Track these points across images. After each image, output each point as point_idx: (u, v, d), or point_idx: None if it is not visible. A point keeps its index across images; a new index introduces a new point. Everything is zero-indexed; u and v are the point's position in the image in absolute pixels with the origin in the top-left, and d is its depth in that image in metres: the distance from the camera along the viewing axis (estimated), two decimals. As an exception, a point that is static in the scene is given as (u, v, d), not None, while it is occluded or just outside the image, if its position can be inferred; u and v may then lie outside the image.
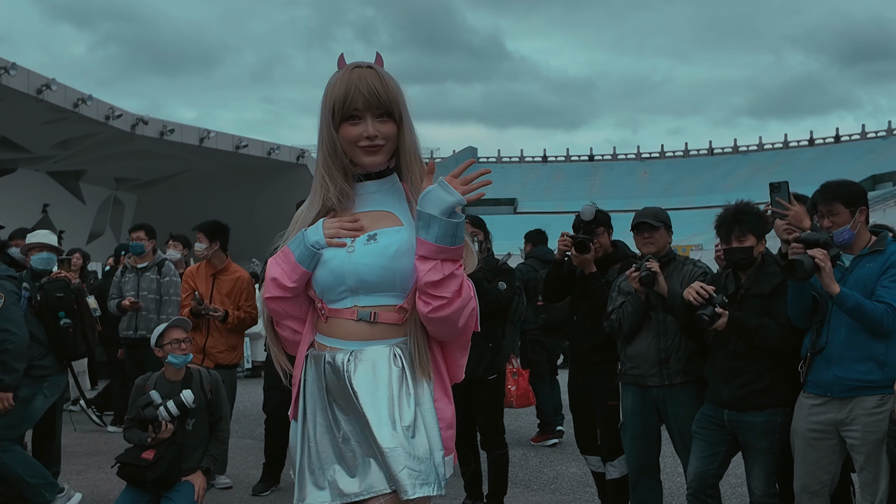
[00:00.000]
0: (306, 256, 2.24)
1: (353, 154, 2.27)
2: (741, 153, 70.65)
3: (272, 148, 31.83)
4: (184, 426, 4.88)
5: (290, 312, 2.33)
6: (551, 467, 7.05)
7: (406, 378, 2.22)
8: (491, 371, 5.31)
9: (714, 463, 4.28)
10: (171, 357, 4.93)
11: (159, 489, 4.78)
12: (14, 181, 28.58)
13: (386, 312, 2.24)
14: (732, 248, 4.25)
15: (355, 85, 2.21)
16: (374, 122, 2.23)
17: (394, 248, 2.22)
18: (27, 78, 22.83)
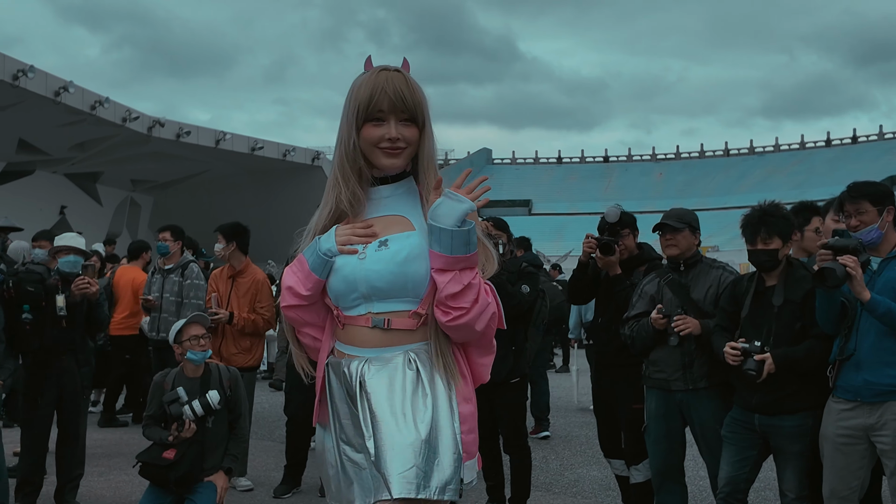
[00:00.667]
0: (319, 264, 2.24)
1: (372, 155, 2.26)
2: (757, 154, 70.29)
3: (287, 150, 31.95)
4: (204, 425, 4.87)
5: (308, 320, 2.33)
6: (572, 470, 7.02)
7: (422, 381, 2.20)
8: (514, 374, 5.27)
9: (745, 467, 4.24)
10: (190, 353, 4.91)
11: (182, 489, 4.77)
12: (32, 183, 28.78)
13: (399, 318, 2.23)
14: (757, 251, 4.20)
15: (382, 87, 2.21)
16: (398, 125, 2.23)
17: (404, 253, 2.21)
18: (45, 80, 23.00)
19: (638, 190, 64.16)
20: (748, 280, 4.36)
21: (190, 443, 4.78)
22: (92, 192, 32.38)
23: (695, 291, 4.56)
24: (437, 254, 2.15)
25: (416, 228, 2.26)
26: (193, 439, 4.79)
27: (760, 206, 4.28)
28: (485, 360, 2.37)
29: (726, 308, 4.38)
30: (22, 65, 22.00)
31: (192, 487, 4.81)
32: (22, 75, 21.86)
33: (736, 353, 4.08)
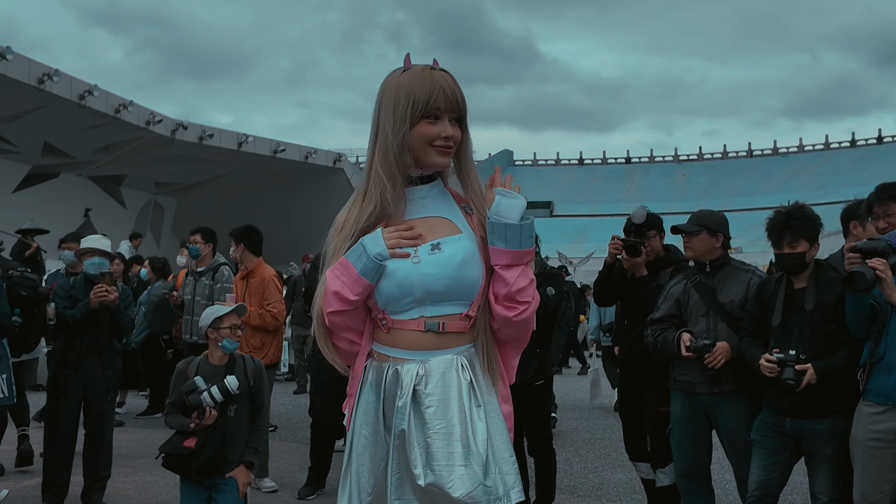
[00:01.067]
0: (370, 269, 2.18)
1: (423, 153, 2.23)
2: (781, 155, 69.78)
3: (309, 152, 32.06)
4: (226, 413, 4.81)
5: (351, 325, 2.28)
6: (596, 473, 6.98)
7: (474, 389, 2.20)
8: (538, 377, 5.25)
9: (777, 471, 4.20)
10: (227, 341, 4.89)
11: (204, 477, 4.76)
12: (57, 186, 29.05)
13: (453, 322, 2.22)
14: (784, 255, 4.15)
15: (439, 85, 2.21)
16: (448, 123, 2.23)
17: (459, 256, 2.20)
18: (70, 84, 23.20)
19: (660, 191, 63.81)
20: (776, 283, 4.30)
21: (211, 430, 4.73)
22: (116, 195, 32.64)
23: (721, 294, 4.52)
24: (503, 250, 2.17)
25: (462, 231, 2.25)
26: (215, 427, 4.74)
27: (785, 209, 4.23)
28: (515, 360, 2.38)
29: (753, 312, 4.33)
30: (47, 69, 22.21)
31: (217, 481, 4.79)
32: (47, 79, 22.07)
33: (772, 366, 4.04)
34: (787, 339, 4.11)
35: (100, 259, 5.69)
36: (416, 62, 2.29)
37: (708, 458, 4.66)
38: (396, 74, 2.26)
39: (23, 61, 21.63)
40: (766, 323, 4.27)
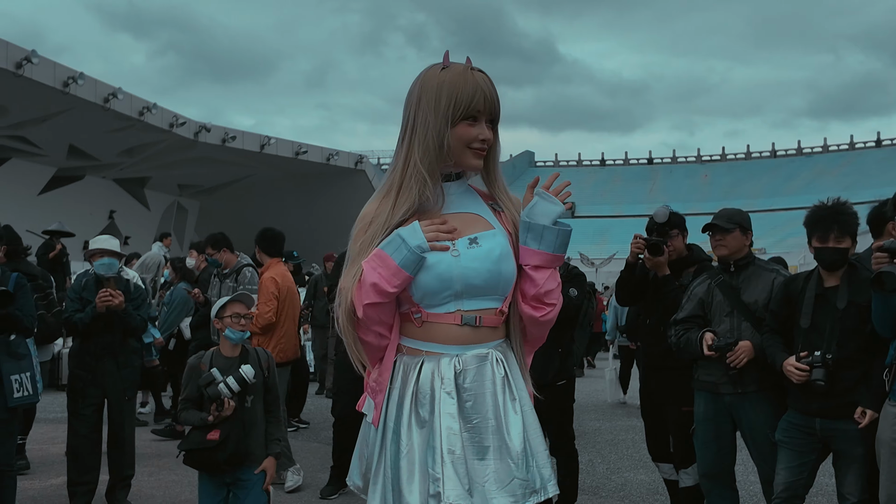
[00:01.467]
0: (411, 261, 2.16)
1: (461, 154, 2.25)
2: (805, 155, 69.21)
3: (331, 154, 32.16)
4: (243, 403, 4.79)
5: (384, 318, 2.25)
6: (619, 474, 6.95)
7: (509, 382, 2.23)
8: (560, 376, 5.23)
9: (804, 472, 4.16)
10: (229, 331, 4.88)
11: (232, 468, 4.76)
12: (82, 188, 29.33)
13: (488, 316, 2.24)
14: (829, 248, 4.05)
15: (481, 88, 2.22)
16: (485, 126, 2.26)
17: (497, 251, 2.22)
18: (94, 87, 23.42)
19: (683, 192, 63.50)
20: (804, 280, 4.24)
21: (232, 421, 4.73)
22: (140, 197, 32.90)
23: (746, 294, 4.48)
24: (535, 251, 2.21)
25: (494, 227, 2.28)
26: (235, 418, 4.73)
27: (829, 203, 4.15)
28: (528, 359, 2.40)
29: (777, 310, 4.28)
30: (72, 72, 22.43)
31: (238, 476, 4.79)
32: (72, 82, 22.29)
33: (802, 373, 4.00)
34: (817, 338, 4.06)
35: (109, 259, 5.68)
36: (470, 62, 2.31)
37: (732, 458, 4.62)
38: (436, 71, 2.26)
39: (48, 65, 21.85)
40: (789, 322, 4.22)
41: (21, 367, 4.99)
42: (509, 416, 2.19)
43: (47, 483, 6.42)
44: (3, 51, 20.56)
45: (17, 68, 20.71)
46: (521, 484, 2.14)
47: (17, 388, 4.93)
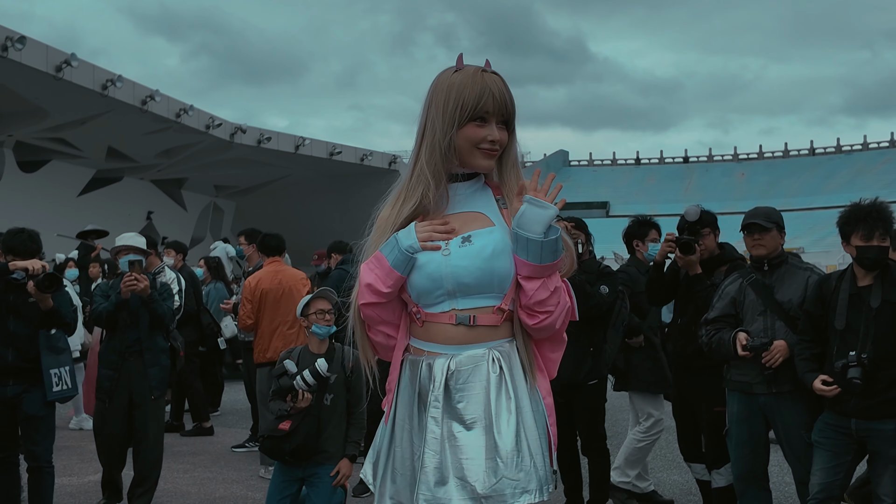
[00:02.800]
0: (401, 261, 2.22)
1: (469, 155, 2.25)
2: (844, 153, 68.17)
3: (365, 154, 32.28)
4: (322, 400, 4.84)
5: (385, 318, 2.31)
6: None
7: (505, 382, 2.20)
8: (592, 376, 5.22)
9: (840, 473, 4.11)
10: (315, 327, 4.93)
11: (297, 460, 4.80)
12: (120, 189, 29.72)
13: (484, 315, 2.23)
14: (874, 247, 3.99)
15: (490, 89, 2.22)
16: (496, 127, 2.24)
17: (489, 248, 2.20)
18: (132, 90, 23.71)
19: (719, 191, 62.86)
20: (837, 280, 4.19)
21: (305, 414, 4.76)
22: (177, 198, 33.26)
23: (779, 293, 4.43)
24: (524, 262, 2.17)
25: (495, 224, 2.26)
26: (309, 412, 4.78)
27: (869, 202, 4.09)
28: (555, 354, 2.36)
29: (812, 311, 4.22)
30: (110, 74, 22.73)
31: (312, 472, 4.83)
32: (110, 85, 22.58)
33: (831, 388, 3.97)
34: (852, 338, 4.01)
35: (135, 256, 5.71)
36: (468, 63, 2.29)
37: (766, 459, 4.58)
38: (448, 74, 2.28)
39: (87, 68, 22.17)
40: (823, 323, 4.17)
41: (60, 361, 5.06)
42: (501, 416, 2.17)
43: (85, 479, 6.53)
44: (43, 54, 20.89)
45: (56, 71, 21.03)
46: (511, 483, 2.12)
47: (57, 381, 5.00)
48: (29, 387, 4.92)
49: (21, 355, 4.89)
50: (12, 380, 4.89)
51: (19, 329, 4.89)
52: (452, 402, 2.19)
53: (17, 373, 4.89)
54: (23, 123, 23.86)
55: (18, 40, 19.65)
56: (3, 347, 4.86)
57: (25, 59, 20.21)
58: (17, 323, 4.89)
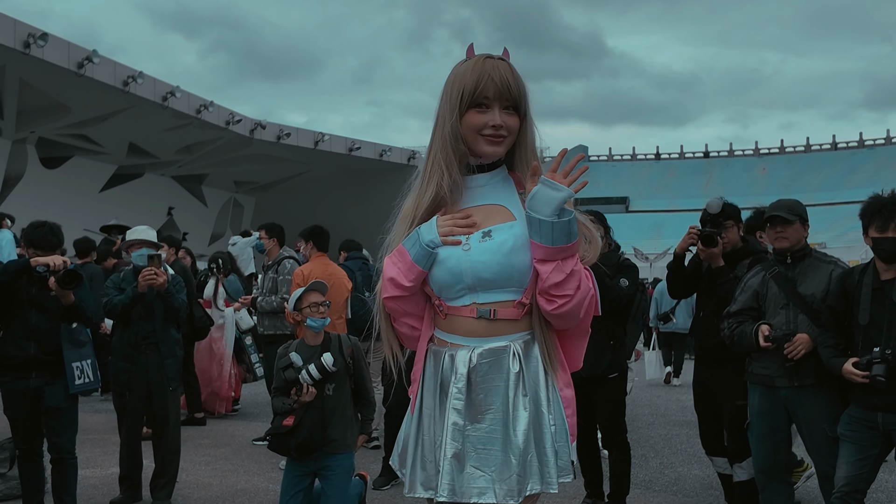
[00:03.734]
0: (422, 256, 2.24)
1: (474, 142, 2.25)
2: (867, 147, 67.54)
3: (384, 150, 32.38)
4: (324, 391, 4.87)
5: (408, 310, 2.34)
6: (673, 469, 6.88)
7: (522, 378, 2.22)
8: (612, 369, 5.20)
9: (866, 467, 4.07)
10: (310, 320, 4.96)
11: (303, 454, 4.83)
12: (141, 185, 29.95)
13: (505, 308, 2.23)
14: (889, 238, 3.95)
15: (488, 74, 2.21)
16: (501, 112, 2.23)
17: (509, 243, 2.20)
18: (153, 86, 23.88)
19: (740, 186, 62.47)
20: (859, 274, 4.15)
21: (308, 408, 4.79)
22: (197, 194, 33.45)
23: (802, 286, 4.39)
24: (538, 244, 2.15)
25: (517, 218, 2.25)
26: (313, 405, 4.81)
27: (888, 194, 4.05)
28: (579, 347, 2.37)
29: (834, 306, 4.19)
30: (132, 71, 22.89)
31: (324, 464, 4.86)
32: (132, 81, 22.74)
33: (861, 375, 3.92)
34: (876, 334, 3.97)
35: (147, 250, 5.76)
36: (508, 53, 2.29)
37: (788, 452, 4.56)
38: (458, 65, 2.29)
39: (108, 64, 22.33)
40: (847, 318, 4.13)
41: (82, 354, 5.09)
42: (518, 412, 2.20)
43: (108, 471, 6.58)
44: (65, 51, 21.07)
45: (78, 68, 21.19)
46: (518, 480, 2.17)
47: (79, 374, 5.04)
48: (51, 379, 4.96)
49: (43, 348, 4.93)
50: (35, 372, 4.92)
51: (41, 322, 4.93)
52: (473, 393, 2.21)
53: (39, 365, 4.93)
54: (45, 120, 24.08)
55: (41, 37, 19.82)
56: (25, 340, 4.90)
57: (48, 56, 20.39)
58: (38, 316, 4.93)
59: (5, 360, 4.91)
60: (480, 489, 2.17)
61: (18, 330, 4.90)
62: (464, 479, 2.19)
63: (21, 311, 4.91)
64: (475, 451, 2.19)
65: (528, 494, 2.17)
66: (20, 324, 4.90)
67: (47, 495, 5.21)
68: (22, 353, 4.90)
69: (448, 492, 2.20)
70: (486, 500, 2.17)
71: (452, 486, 2.19)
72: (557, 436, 2.21)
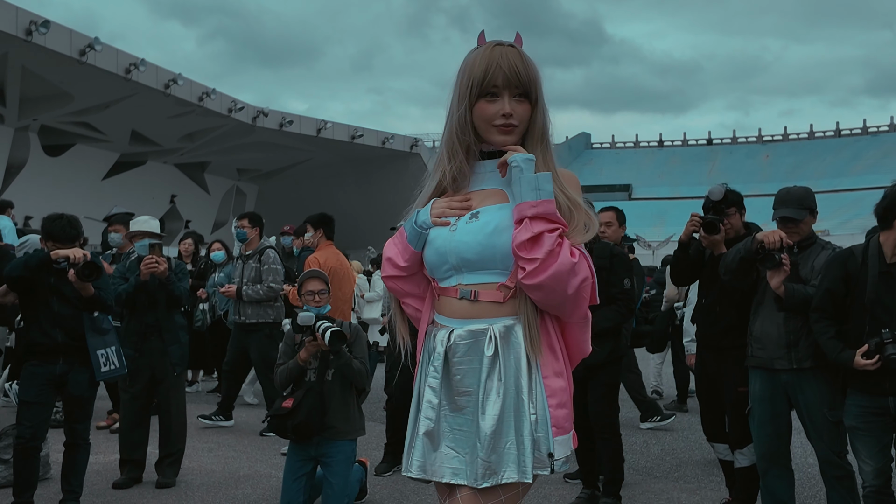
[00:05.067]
0: (414, 236, 2.28)
1: (486, 132, 2.24)
2: (871, 134, 67.33)
3: (386, 137, 32.34)
4: (324, 376, 4.92)
5: (409, 291, 2.38)
6: (674, 455, 6.90)
7: (499, 363, 2.18)
8: (611, 357, 5.23)
9: (888, 454, 4.07)
10: (307, 308, 5.01)
11: (300, 437, 4.87)
12: (144, 173, 29.95)
13: (487, 291, 2.21)
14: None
15: (497, 62, 2.19)
16: (511, 101, 2.21)
17: (493, 224, 2.19)
18: (155, 74, 23.84)
19: (744, 173, 62.32)
20: (861, 255, 4.13)
21: (307, 391, 4.85)
22: (200, 182, 33.45)
23: (804, 270, 4.43)
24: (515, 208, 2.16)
25: (510, 201, 2.23)
26: (312, 388, 4.86)
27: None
28: (582, 336, 2.32)
29: (833, 289, 4.16)
30: (134, 58, 22.85)
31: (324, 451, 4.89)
32: (134, 69, 22.70)
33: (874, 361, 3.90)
34: (883, 314, 3.96)
35: (150, 240, 5.87)
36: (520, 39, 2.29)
37: (788, 438, 4.56)
38: (470, 53, 2.28)
39: (110, 52, 22.29)
40: (848, 301, 4.12)
41: (105, 341, 5.15)
42: (490, 396, 2.16)
43: (111, 458, 6.60)
44: (67, 38, 21.02)
45: (80, 55, 21.15)
46: (483, 465, 2.13)
47: (104, 361, 5.09)
48: (77, 365, 5.01)
49: (69, 334, 4.99)
50: (62, 358, 4.99)
51: (63, 310, 4.98)
52: (451, 374, 2.21)
53: (65, 351, 4.99)
54: (48, 107, 24.07)
55: (43, 24, 19.78)
56: (51, 328, 4.96)
57: (50, 44, 20.35)
58: (60, 304, 4.98)
59: (34, 347, 4.99)
60: (454, 469, 2.17)
61: (44, 318, 4.97)
62: (437, 457, 2.20)
63: (44, 299, 4.98)
64: (451, 431, 2.19)
65: (504, 483, 2.12)
66: (45, 312, 4.98)
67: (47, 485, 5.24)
68: (50, 341, 4.96)
69: (417, 468, 2.22)
70: (458, 481, 2.16)
71: (423, 464, 2.21)
72: (538, 426, 2.14)
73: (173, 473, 5.88)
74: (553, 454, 2.15)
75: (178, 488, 5.78)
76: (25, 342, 5.04)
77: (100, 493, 5.62)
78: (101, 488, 5.74)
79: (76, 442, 5.12)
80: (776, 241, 4.26)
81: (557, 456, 2.16)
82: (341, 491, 4.88)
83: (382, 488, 5.82)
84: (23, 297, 5.07)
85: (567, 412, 2.20)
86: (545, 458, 2.14)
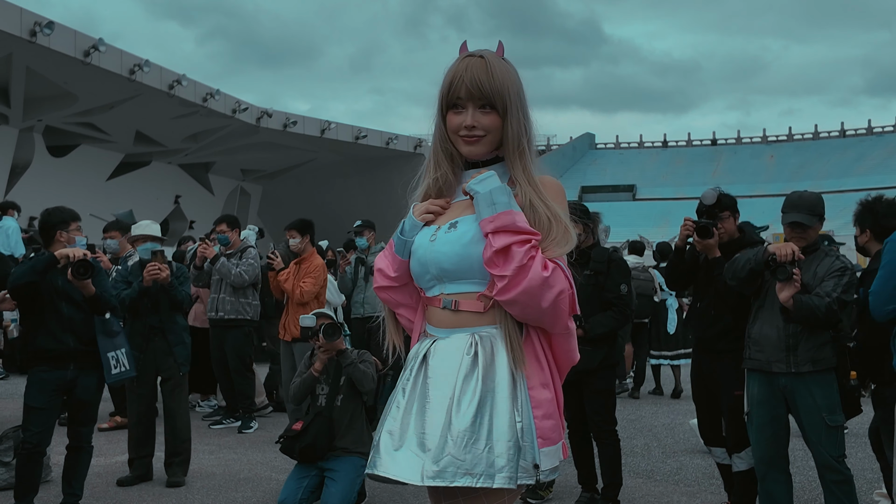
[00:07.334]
0: (400, 245, 2.31)
1: (455, 142, 2.29)
2: (875, 134, 67.14)
3: (390, 138, 32.31)
4: (333, 402, 5.06)
5: (401, 301, 2.39)
6: (674, 458, 6.91)
7: (477, 367, 2.16)
8: (605, 362, 5.24)
9: None
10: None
11: (306, 460, 4.96)
12: (148, 173, 29.97)
13: (467, 300, 2.23)
14: None
15: (461, 75, 2.22)
16: (476, 112, 2.23)
17: (469, 234, 2.21)
18: (159, 74, 23.86)
19: (748, 173, 62.21)
20: None
21: (316, 415, 5.01)
22: (204, 182, 33.45)
23: (806, 276, 4.40)
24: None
25: None
26: (321, 413, 5.01)
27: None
28: (567, 345, 2.28)
29: None
30: (138, 59, 22.86)
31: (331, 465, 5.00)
32: (138, 69, 22.71)
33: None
34: None
35: (152, 244, 6.02)
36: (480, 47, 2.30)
37: (786, 441, 4.56)
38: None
39: (114, 52, 22.32)
40: None
41: (115, 343, 5.16)
42: (465, 397, 2.13)
43: (113, 460, 6.64)
44: (72, 39, 21.05)
45: (84, 56, 21.19)
46: (453, 462, 2.08)
47: (115, 364, 5.10)
48: (88, 369, 5.02)
49: (80, 339, 4.99)
50: (73, 363, 4.99)
51: (74, 314, 4.98)
52: (426, 377, 2.20)
53: (77, 356, 4.99)
54: (52, 108, 24.10)
55: (47, 25, 19.82)
56: (63, 332, 4.94)
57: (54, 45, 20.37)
58: (70, 308, 4.98)
59: (43, 353, 4.93)
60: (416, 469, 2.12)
61: (54, 323, 4.93)
62: (397, 456, 2.16)
63: (52, 303, 4.95)
64: (416, 434, 2.15)
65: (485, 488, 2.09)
66: (55, 317, 4.94)
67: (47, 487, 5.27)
68: (61, 346, 4.94)
69: (378, 466, 2.19)
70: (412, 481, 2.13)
71: (384, 463, 2.17)
72: (524, 435, 2.12)
73: (182, 472, 5.98)
74: (539, 465, 2.13)
75: (179, 490, 5.81)
76: (31, 348, 4.99)
77: (100, 495, 5.65)
78: (101, 490, 5.77)
79: (80, 445, 5.13)
80: (788, 255, 4.25)
81: (543, 467, 2.14)
82: (342, 493, 4.93)
83: (382, 492, 5.84)
84: (25, 304, 5.02)
85: (554, 423, 2.18)
86: (530, 468, 2.12)
